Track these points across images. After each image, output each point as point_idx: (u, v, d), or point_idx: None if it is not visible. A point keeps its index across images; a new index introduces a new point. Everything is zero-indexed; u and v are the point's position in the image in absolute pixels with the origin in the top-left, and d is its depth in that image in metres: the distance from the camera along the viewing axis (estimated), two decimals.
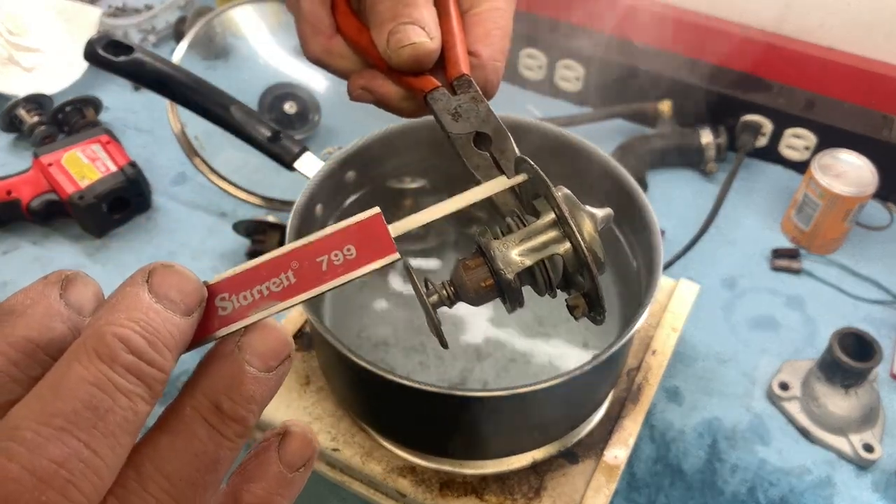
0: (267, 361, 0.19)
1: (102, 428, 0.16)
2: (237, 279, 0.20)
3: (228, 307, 0.20)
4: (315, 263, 0.21)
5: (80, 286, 0.19)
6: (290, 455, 0.20)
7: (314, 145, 0.79)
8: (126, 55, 0.55)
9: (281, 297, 0.20)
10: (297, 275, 0.20)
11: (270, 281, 0.20)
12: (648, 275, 0.49)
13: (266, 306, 0.20)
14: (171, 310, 0.18)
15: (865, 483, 0.58)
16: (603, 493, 0.50)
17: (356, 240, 0.21)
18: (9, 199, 0.73)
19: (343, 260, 0.21)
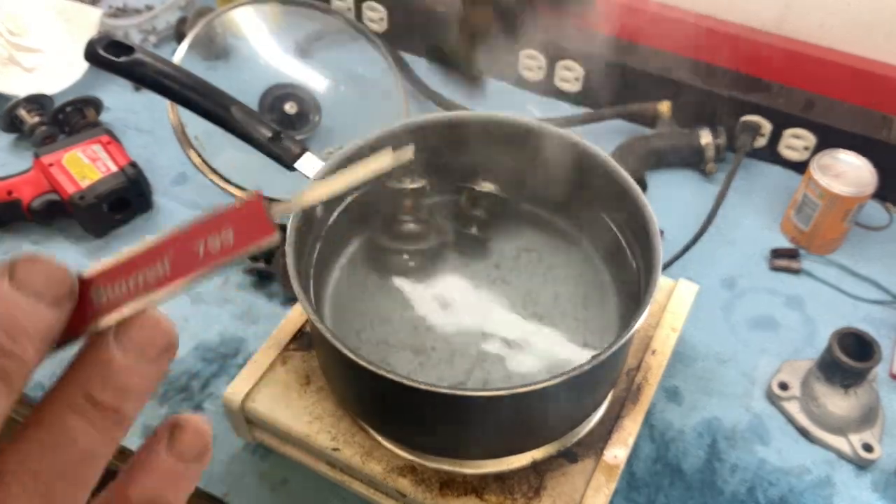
0: (144, 351, 0.19)
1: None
2: (112, 270, 0.20)
3: (104, 298, 0.20)
4: (191, 250, 0.20)
5: None
6: (182, 446, 0.19)
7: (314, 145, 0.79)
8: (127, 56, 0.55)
9: (157, 285, 0.20)
10: (173, 263, 0.20)
11: (146, 270, 0.20)
12: (648, 275, 0.49)
13: (142, 296, 0.20)
14: (35, 299, 0.17)
15: (865, 483, 0.58)
16: (602, 492, 0.50)
17: (234, 223, 0.20)
18: (9, 199, 0.73)
19: (220, 245, 0.20)
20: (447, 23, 0.45)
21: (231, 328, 0.68)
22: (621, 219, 0.57)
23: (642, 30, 0.86)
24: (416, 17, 0.93)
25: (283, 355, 0.57)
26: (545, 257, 0.61)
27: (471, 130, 0.59)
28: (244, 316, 0.69)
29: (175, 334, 0.20)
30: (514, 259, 0.61)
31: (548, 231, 0.63)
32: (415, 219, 0.59)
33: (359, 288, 0.59)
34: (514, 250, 0.62)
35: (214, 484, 0.57)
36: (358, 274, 0.60)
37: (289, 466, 0.58)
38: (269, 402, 0.54)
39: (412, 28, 0.94)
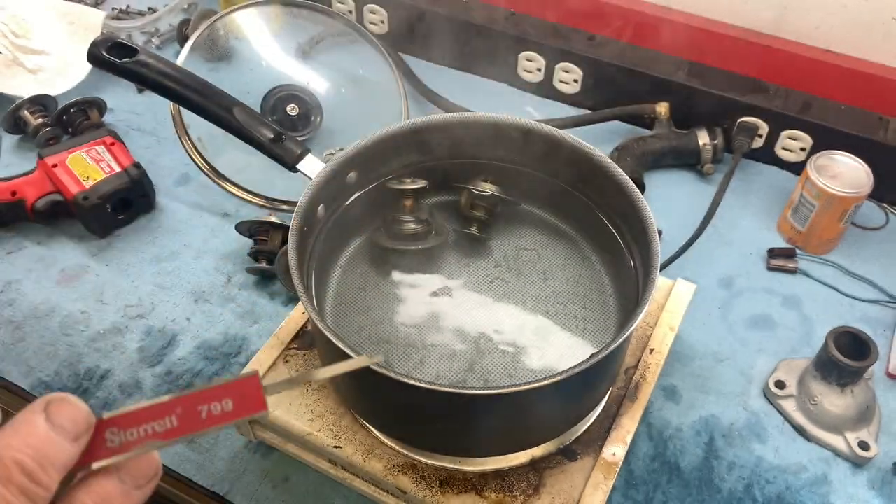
0: (138, 481, 0.24)
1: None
2: (129, 417, 0.24)
3: (116, 441, 0.24)
4: (196, 411, 0.25)
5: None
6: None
7: (316, 147, 0.80)
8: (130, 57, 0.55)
9: (163, 436, 0.24)
10: (180, 419, 0.24)
11: (156, 422, 0.24)
12: (646, 275, 0.50)
13: (149, 443, 0.24)
14: (62, 436, 0.22)
15: (861, 481, 0.59)
16: (601, 489, 0.51)
17: (234, 395, 0.25)
18: (13, 199, 0.74)
19: (220, 411, 0.25)
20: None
21: (233, 327, 0.68)
22: (619, 219, 0.57)
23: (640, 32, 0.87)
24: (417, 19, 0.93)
25: (285, 354, 0.58)
26: (544, 257, 0.62)
27: (471, 132, 0.60)
28: (246, 315, 0.69)
29: (160, 468, 0.25)
30: (513, 259, 0.62)
31: (547, 231, 0.64)
32: (415, 219, 0.60)
33: (359, 287, 0.60)
34: (513, 250, 0.62)
35: (217, 482, 0.58)
36: (359, 273, 0.61)
37: (290, 464, 0.59)
38: (270, 400, 0.54)
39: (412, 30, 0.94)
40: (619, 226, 0.58)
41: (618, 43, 0.88)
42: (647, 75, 0.84)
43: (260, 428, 0.58)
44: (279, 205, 0.75)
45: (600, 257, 0.61)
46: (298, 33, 0.86)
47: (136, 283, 0.72)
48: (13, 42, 0.90)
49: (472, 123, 0.59)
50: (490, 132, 0.59)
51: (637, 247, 0.55)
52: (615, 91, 0.86)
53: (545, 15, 0.91)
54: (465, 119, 0.59)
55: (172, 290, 0.71)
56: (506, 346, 0.56)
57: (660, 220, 0.54)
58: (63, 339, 0.67)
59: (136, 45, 0.56)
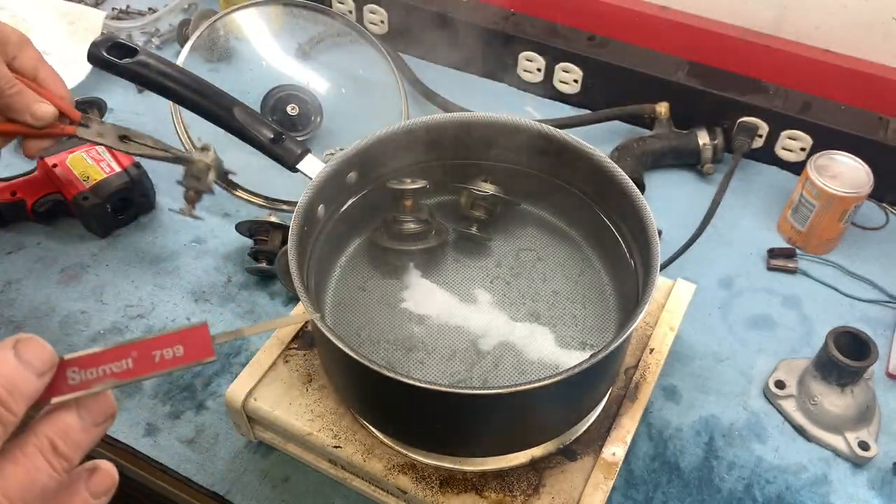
0: (95, 418, 0.26)
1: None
2: (88, 358, 0.27)
3: (77, 378, 0.27)
4: (150, 356, 0.27)
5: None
6: (96, 486, 0.27)
7: (316, 147, 0.80)
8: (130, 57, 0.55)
9: (120, 376, 0.27)
10: (136, 362, 0.27)
11: (114, 363, 0.27)
12: (646, 274, 0.50)
13: (106, 381, 0.27)
14: (29, 370, 0.24)
15: (861, 480, 0.59)
16: (601, 489, 0.51)
17: (184, 341, 0.28)
18: (14, 199, 0.74)
19: (172, 355, 0.28)
20: None
21: (234, 327, 0.68)
22: (619, 219, 0.57)
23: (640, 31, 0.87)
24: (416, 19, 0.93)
25: (285, 354, 0.58)
26: (544, 257, 0.62)
27: (471, 132, 0.60)
28: (246, 315, 0.69)
29: (115, 408, 0.27)
30: (513, 259, 0.62)
31: (547, 231, 0.64)
32: (415, 219, 0.60)
33: (359, 287, 0.60)
34: (513, 250, 0.62)
35: (217, 482, 0.58)
36: (358, 273, 0.61)
37: (290, 464, 0.59)
38: (270, 400, 0.55)
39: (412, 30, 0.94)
40: (619, 226, 0.58)
41: (618, 43, 0.88)
42: (647, 75, 0.84)
43: (260, 428, 0.58)
44: (279, 205, 0.75)
45: (600, 257, 0.61)
46: (298, 33, 0.86)
47: (136, 283, 0.72)
48: None
49: (471, 123, 0.59)
50: (490, 132, 0.59)
51: (637, 247, 0.55)
52: (615, 91, 0.87)
53: (545, 15, 0.91)
54: (465, 119, 0.59)
55: (172, 290, 0.71)
56: (506, 346, 0.56)
57: (660, 220, 0.54)
58: (63, 339, 0.67)
59: (136, 46, 0.56)
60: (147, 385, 0.64)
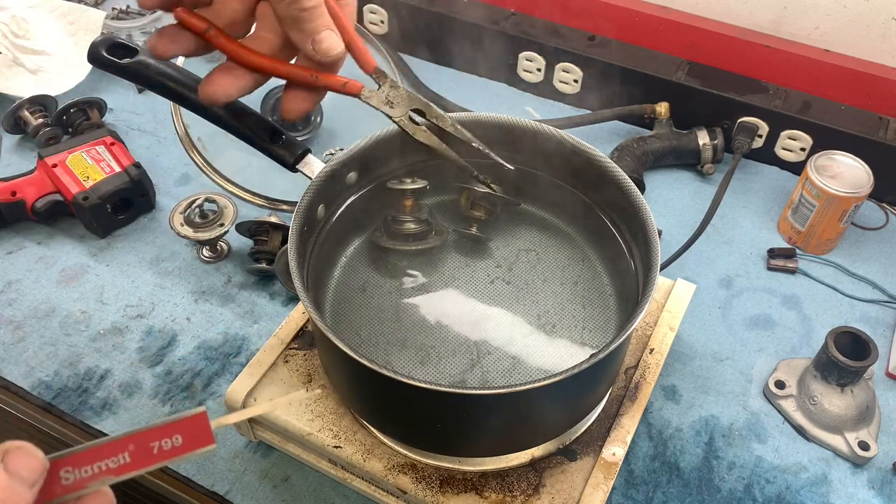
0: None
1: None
2: (81, 456, 0.25)
3: (70, 479, 0.25)
4: (148, 447, 0.26)
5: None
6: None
7: (316, 147, 0.80)
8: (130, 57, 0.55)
9: (116, 472, 0.26)
10: (133, 455, 0.26)
11: (110, 459, 0.26)
12: (646, 274, 0.50)
13: (102, 479, 0.25)
14: (20, 484, 0.23)
15: (861, 480, 0.59)
16: (601, 490, 0.51)
17: (183, 431, 0.27)
18: (14, 199, 0.74)
19: (171, 446, 0.26)
20: None
21: (233, 327, 0.68)
22: (619, 219, 0.57)
23: (640, 32, 0.87)
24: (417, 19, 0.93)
25: (285, 354, 0.58)
26: (544, 257, 0.62)
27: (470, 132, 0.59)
28: (246, 315, 0.69)
29: (114, 500, 0.26)
30: (513, 259, 0.62)
31: (547, 231, 0.64)
32: (415, 219, 0.60)
33: (359, 287, 0.60)
34: (513, 251, 0.62)
35: (217, 482, 0.58)
36: (358, 273, 0.61)
37: (290, 464, 0.59)
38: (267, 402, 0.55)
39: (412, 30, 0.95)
40: (619, 226, 0.58)
41: (618, 43, 0.88)
42: (647, 75, 0.84)
43: (260, 428, 0.58)
44: (279, 205, 0.75)
45: (600, 257, 0.61)
46: None
47: (136, 283, 0.72)
48: (13, 42, 0.90)
49: (471, 124, 0.59)
50: (490, 132, 0.59)
51: (637, 247, 0.55)
52: (615, 91, 0.87)
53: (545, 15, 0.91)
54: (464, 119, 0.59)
55: (172, 290, 0.71)
56: (506, 346, 0.56)
57: (660, 220, 0.54)
58: (63, 339, 0.67)
59: (136, 45, 0.56)
60: (147, 385, 0.64)
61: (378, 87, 0.42)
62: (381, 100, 0.42)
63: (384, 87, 0.42)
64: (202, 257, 0.74)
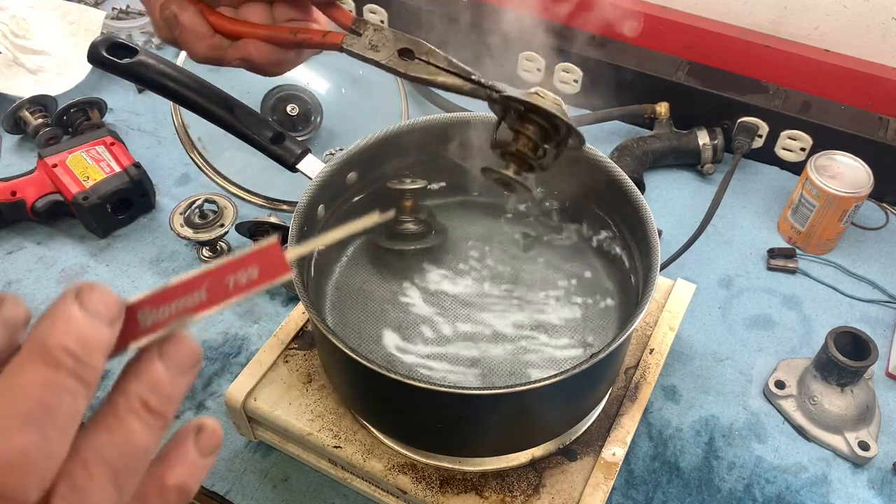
0: (181, 367, 0.23)
1: (53, 420, 0.20)
2: (158, 296, 0.24)
3: (149, 320, 0.24)
4: (223, 283, 0.25)
5: (9, 306, 0.23)
6: (204, 445, 0.24)
7: (316, 147, 0.80)
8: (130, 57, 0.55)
9: (194, 310, 0.24)
10: (209, 292, 0.24)
11: (186, 297, 0.24)
12: (646, 274, 0.50)
13: (181, 318, 0.24)
14: (98, 320, 0.22)
15: (861, 480, 0.59)
16: (601, 490, 0.51)
17: (258, 262, 0.25)
18: (14, 199, 0.74)
19: (246, 280, 0.25)
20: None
21: (233, 327, 0.68)
22: (620, 219, 0.57)
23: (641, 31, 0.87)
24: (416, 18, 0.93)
25: (285, 354, 0.58)
26: (544, 257, 0.62)
27: (471, 132, 0.60)
28: (246, 315, 0.69)
29: (200, 353, 0.24)
30: (513, 259, 0.62)
31: (547, 231, 0.64)
32: (415, 219, 0.60)
33: (359, 287, 0.60)
34: (513, 250, 0.62)
35: (217, 482, 0.58)
36: (358, 273, 0.61)
37: (290, 464, 0.59)
38: (270, 400, 0.55)
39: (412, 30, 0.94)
40: (619, 226, 0.58)
41: (618, 43, 0.88)
42: (647, 75, 0.84)
43: (260, 428, 0.58)
44: (279, 205, 0.75)
45: (600, 257, 0.61)
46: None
47: (136, 283, 0.72)
48: (13, 42, 0.90)
49: (472, 123, 0.59)
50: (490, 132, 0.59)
51: (637, 247, 0.55)
52: (615, 91, 0.86)
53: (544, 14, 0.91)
54: (465, 119, 0.59)
55: None
56: (505, 345, 0.56)
57: (660, 219, 0.54)
58: None
59: (136, 45, 0.56)
60: None
61: (360, 34, 0.40)
62: (364, 45, 0.40)
63: (367, 32, 0.40)
64: (202, 257, 0.74)
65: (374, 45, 0.40)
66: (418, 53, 0.39)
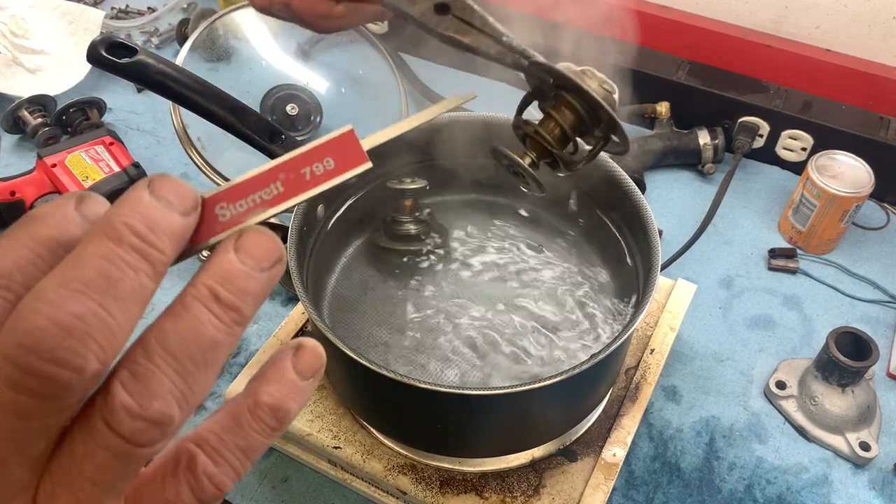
0: (260, 261, 0.22)
1: (113, 293, 0.19)
2: (234, 190, 0.23)
3: (227, 214, 0.23)
4: (300, 174, 0.24)
5: (92, 202, 0.21)
6: (303, 365, 0.23)
7: None
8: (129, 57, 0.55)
9: (272, 203, 0.23)
10: (285, 184, 0.23)
11: (262, 191, 0.23)
12: (646, 274, 0.50)
13: (259, 211, 0.23)
14: (169, 208, 0.21)
15: (862, 481, 0.59)
16: (601, 490, 0.51)
17: (334, 152, 0.24)
18: (13, 199, 0.74)
19: (323, 170, 0.24)
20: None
21: None
22: (620, 219, 0.57)
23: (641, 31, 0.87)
24: None
25: None
26: (545, 256, 0.62)
27: (471, 131, 0.59)
28: None
29: (282, 248, 0.22)
30: (513, 259, 0.62)
31: (547, 231, 0.63)
32: (414, 219, 0.59)
33: (359, 287, 0.60)
34: (513, 250, 0.62)
35: None
36: (358, 274, 0.61)
37: (290, 465, 0.59)
38: None
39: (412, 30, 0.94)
40: (619, 226, 0.58)
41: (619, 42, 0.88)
42: (648, 75, 0.84)
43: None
44: None
45: (600, 257, 0.61)
46: (298, 33, 0.86)
47: None
48: (12, 42, 0.90)
49: (471, 123, 0.59)
50: (490, 131, 0.59)
51: (637, 247, 0.54)
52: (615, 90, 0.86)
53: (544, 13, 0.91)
54: (464, 118, 0.59)
55: (171, 291, 0.70)
56: (505, 346, 0.56)
57: (660, 219, 0.54)
58: None
59: (135, 45, 0.56)
60: None
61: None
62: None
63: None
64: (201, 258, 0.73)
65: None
66: (454, 9, 0.36)
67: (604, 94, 0.33)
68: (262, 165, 0.23)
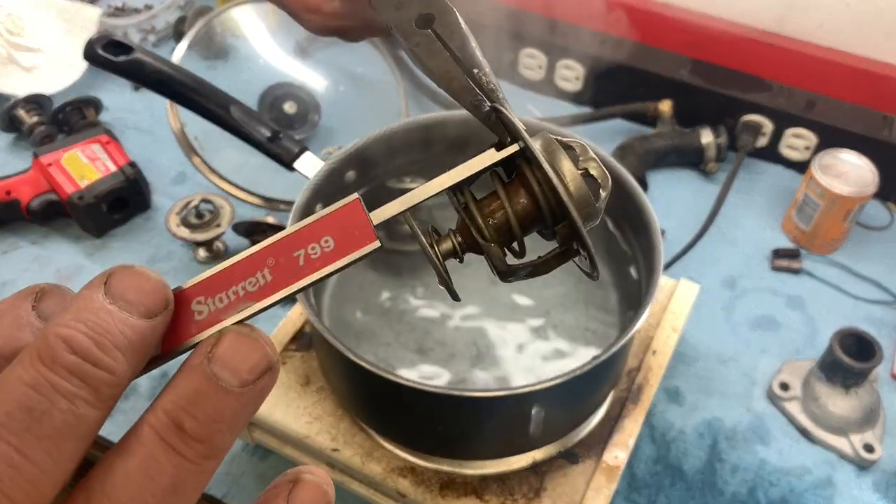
0: (240, 374, 0.17)
1: (37, 431, 0.15)
2: (212, 281, 0.19)
3: (205, 311, 0.19)
4: (292, 258, 0.19)
5: (54, 297, 0.18)
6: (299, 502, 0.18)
7: (314, 145, 0.79)
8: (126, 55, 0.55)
9: (257, 296, 0.19)
10: (274, 272, 0.19)
11: (246, 281, 0.19)
12: (649, 275, 0.49)
13: (242, 307, 0.19)
14: (127, 311, 0.17)
15: (866, 483, 0.58)
16: (603, 493, 0.50)
17: (334, 230, 0.20)
18: (8, 199, 0.73)
19: (321, 253, 0.19)
20: None
21: None
22: (622, 218, 0.57)
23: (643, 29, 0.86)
24: None
25: (283, 355, 0.57)
26: None
27: (471, 130, 0.59)
28: None
29: (273, 355, 0.18)
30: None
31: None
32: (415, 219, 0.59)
33: (358, 288, 0.59)
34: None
35: (214, 485, 0.57)
36: (358, 274, 0.60)
37: (288, 467, 0.58)
38: (268, 402, 0.54)
39: None
40: (621, 225, 0.57)
41: (620, 40, 0.88)
42: (650, 73, 0.83)
43: (257, 430, 0.57)
44: (277, 204, 0.74)
45: (602, 258, 0.61)
46: (296, 30, 0.85)
47: None
48: (8, 40, 0.90)
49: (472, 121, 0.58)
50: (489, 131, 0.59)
51: (640, 247, 0.54)
52: (617, 89, 0.86)
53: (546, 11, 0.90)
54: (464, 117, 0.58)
55: None
56: (507, 347, 0.55)
57: (663, 219, 0.53)
58: None
59: (132, 43, 0.56)
60: (142, 386, 0.63)
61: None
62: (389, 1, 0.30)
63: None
64: (198, 258, 0.73)
65: (400, 3, 0.31)
66: (439, 23, 0.31)
67: (577, 188, 0.23)
68: (247, 249, 0.19)
